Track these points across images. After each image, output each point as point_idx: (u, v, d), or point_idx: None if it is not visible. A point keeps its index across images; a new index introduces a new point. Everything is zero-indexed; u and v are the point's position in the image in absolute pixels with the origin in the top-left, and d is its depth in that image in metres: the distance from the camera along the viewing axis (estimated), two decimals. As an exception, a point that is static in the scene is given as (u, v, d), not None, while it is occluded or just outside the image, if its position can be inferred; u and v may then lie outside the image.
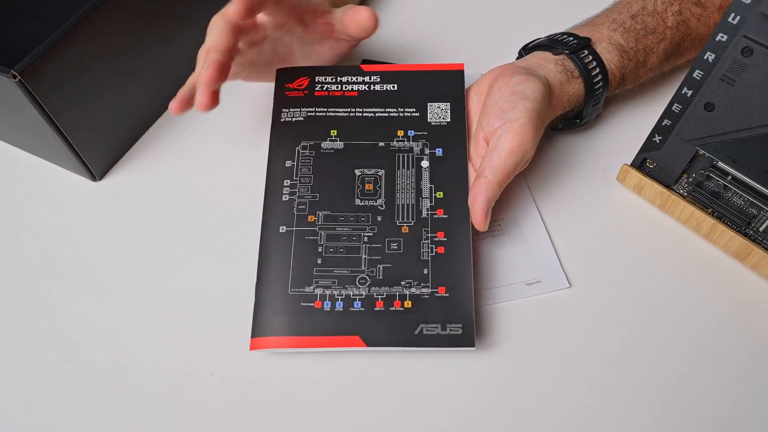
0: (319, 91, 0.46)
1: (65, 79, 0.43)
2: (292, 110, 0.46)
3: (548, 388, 0.39)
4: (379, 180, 0.43)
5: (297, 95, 0.46)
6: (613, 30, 0.45)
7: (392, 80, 0.47)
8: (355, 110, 0.46)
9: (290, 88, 0.47)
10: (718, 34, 0.37)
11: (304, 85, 0.47)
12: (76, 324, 0.43)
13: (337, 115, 0.46)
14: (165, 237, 0.46)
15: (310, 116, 0.46)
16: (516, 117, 0.40)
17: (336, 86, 0.47)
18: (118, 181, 0.50)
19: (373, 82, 0.47)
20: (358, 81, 0.47)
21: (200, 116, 0.52)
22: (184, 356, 0.41)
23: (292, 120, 0.46)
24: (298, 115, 0.46)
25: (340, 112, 0.46)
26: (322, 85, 0.47)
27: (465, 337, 0.39)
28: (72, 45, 0.42)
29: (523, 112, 0.40)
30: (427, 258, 0.41)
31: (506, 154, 0.39)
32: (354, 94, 0.46)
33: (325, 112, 0.46)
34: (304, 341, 0.39)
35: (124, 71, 0.47)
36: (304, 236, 0.42)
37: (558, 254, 0.44)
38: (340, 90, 0.46)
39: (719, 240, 0.43)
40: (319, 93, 0.46)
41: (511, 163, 0.40)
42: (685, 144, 0.42)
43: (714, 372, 0.39)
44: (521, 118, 0.40)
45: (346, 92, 0.46)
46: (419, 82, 0.46)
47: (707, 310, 0.41)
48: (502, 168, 0.39)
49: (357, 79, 0.47)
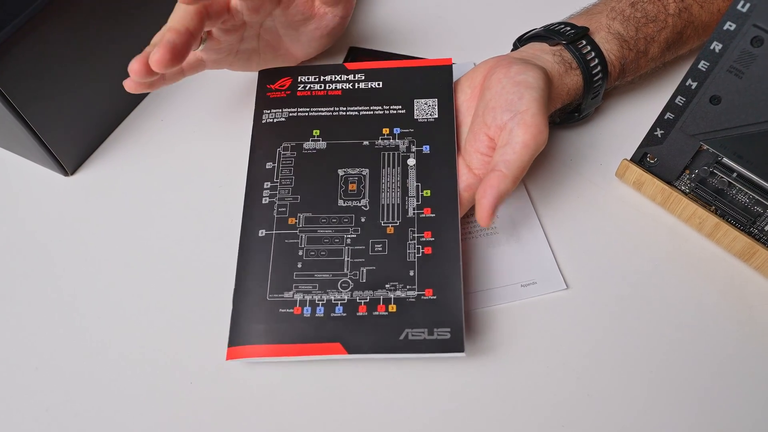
0: (301, 91, 0.45)
1: (30, 68, 0.40)
2: (274, 111, 0.44)
3: (544, 395, 0.37)
4: (363, 180, 0.41)
5: (279, 96, 0.45)
6: (612, 19, 0.43)
7: (377, 78, 0.45)
8: (339, 109, 0.44)
9: (272, 89, 0.45)
10: (726, 22, 0.35)
11: (286, 85, 0.45)
12: (46, 329, 0.40)
13: (320, 114, 0.44)
14: (141, 236, 0.44)
15: (292, 116, 0.44)
16: (525, 108, 0.37)
17: (319, 86, 0.45)
18: (91, 175, 0.47)
19: (358, 80, 0.45)
20: (342, 80, 0.45)
21: (178, 107, 0.50)
22: (160, 364, 0.39)
23: (274, 121, 0.44)
24: (279, 116, 0.44)
25: (323, 112, 0.44)
26: (305, 84, 0.45)
27: (454, 341, 0.37)
28: (36, 32, 0.39)
29: (531, 102, 0.38)
30: (414, 259, 0.39)
31: (521, 147, 0.37)
32: (337, 93, 0.45)
33: (307, 112, 0.44)
34: (283, 349, 0.37)
35: (95, 59, 0.44)
36: (284, 239, 0.40)
37: (555, 254, 0.42)
38: (323, 89, 0.45)
39: (723, 239, 0.41)
40: (301, 93, 0.45)
41: (527, 156, 0.37)
42: (688, 139, 0.40)
43: (718, 378, 0.37)
44: (531, 109, 0.37)
45: (329, 91, 0.45)
46: (405, 79, 0.45)
47: (710, 312, 0.40)
48: (518, 162, 0.37)
49: (341, 77, 0.45)
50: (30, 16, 0.38)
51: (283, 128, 0.44)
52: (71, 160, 0.46)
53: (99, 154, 0.48)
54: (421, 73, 0.45)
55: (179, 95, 0.50)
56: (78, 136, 0.46)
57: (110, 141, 0.49)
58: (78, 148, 0.47)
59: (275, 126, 0.44)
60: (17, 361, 0.39)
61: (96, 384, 0.38)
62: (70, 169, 0.47)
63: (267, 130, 0.44)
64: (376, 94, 0.44)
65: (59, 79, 0.42)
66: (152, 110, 0.50)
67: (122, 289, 0.42)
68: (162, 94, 0.50)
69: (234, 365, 0.38)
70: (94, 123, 0.47)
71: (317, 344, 0.37)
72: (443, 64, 0.45)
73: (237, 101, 0.50)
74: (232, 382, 0.38)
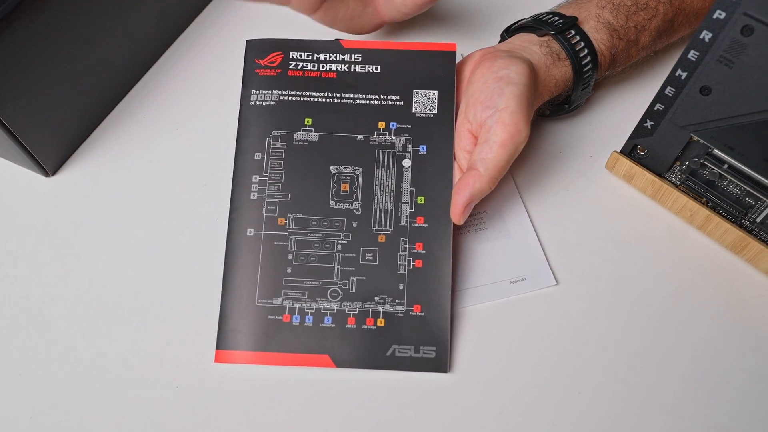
0: (293, 71, 0.42)
1: (4, 67, 0.39)
2: (263, 92, 0.42)
3: (534, 393, 0.37)
4: (356, 180, 0.40)
5: (269, 74, 0.42)
6: (601, 7, 0.42)
7: (375, 60, 0.42)
8: (333, 95, 0.42)
9: (261, 65, 0.42)
10: (716, 11, 0.34)
11: (276, 62, 0.42)
12: (29, 334, 0.40)
13: (312, 100, 0.42)
14: (125, 236, 0.43)
15: (282, 100, 0.42)
16: (505, 105, 0.37)
17: (312, 65, 0.42)
18: (72, 176, 0.46)
19: (354, 61, 0.42)
20: (337, 60, 0.43)
21: (161, 103, 0.49)
22: (146, 367, 0.38)
23: (263, 104, 0.42)
24: (269, 99, 0.42)
25: (316, 97, 0.42)
26: (297, 63, 0.42)
27: (438, 361, 0.37)
28: (10, 30, 0.38)
29: (510, 99, 0.37)
30: (404, 272, 0.38)
31: (498, 147, 0.36)
32: (332, 75, 0.42)
33: (299, 97, 0.42)
34: (271, 358, 0.37)
35: (73, 56, 0.43)
36: (274, 241, 0.39)
37: (544, 249, 0.41)
38: (317, 70, 0.42)
39: (714, 232, 0.40)
40: (293, 73, 0.42)
41: (505, 156, 0.37)
42: (678, 130, 0.39)
43: (710, 373, 0.37)
44: (510, 106, 0.37)
45: (323, 73, 0.42)
46: (405, 64, 0.42)
47: (702, 306, 0.39)
48: (494, 161, 0.37)
49: (336, 57, 0.43)
50: (3, 14, 0.37)
51: (273, 113, 0.41)
52: (52, 161, 0.45)
53: (80, 154, 0.47)
54: (423, 59, 0.42)
55: (161, 91, 0.49)
56: (58, 136, 0.45)
57: (92, 140, 0.48)
58: (58, 148, 0.46)
59: (264, 110, 0.42)
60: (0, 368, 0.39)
61: (80, 390, 0.38)
62: (50, 170, 0.46)
63: (255, 114, 0.42)
64: (373, 79, 0.42)
65: (36, 78, 0.41)
66: (134, 107, 0.49)
67: (107, 292, 0.41)
68: (144, 91, 0.49)
69: (220, 368, 0.38)
70: (74, 121, 0.46)
71: (306, 355, 0.37)
72: (446, 50, 0.42)
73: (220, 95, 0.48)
74: (219, 387, 0.37)
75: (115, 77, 0.48)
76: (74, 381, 0.38)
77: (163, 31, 0.50)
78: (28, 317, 0.40)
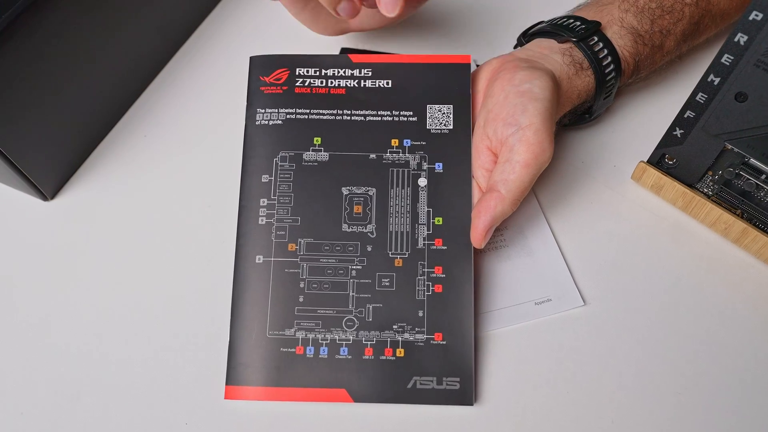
0: (300, 88, 0.40)
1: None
2: (269, 111, 0.40)
3: (563, 422, 0.34)
4: (369, 201, 0.38)
5: (274, 92, 0.40)
6: (624, 11, 0.40)
7: (386, 74, 0.40)
8: (342, 112, 0.40)
9: (266, 82, 0.40)
10: (752, 12, 0.32)
11: (282, 78, 0.40)
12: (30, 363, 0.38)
13: (321, 118, 0.40)
14: (127, 262, 0.41)
15: (290, 119, 0.40)
16: (528, 123, 0.35)
17: (320, 81, 0.40)
18: (72, 200, 0.44)
19: (364, 76, 0.40)
20: (345, 75, 0.40)
21: (162, 122, 0.47)
22: (153, 404, 0.36)
23: (269, 123, 0.40)
24: (275, 118, 0.40)
25: (325, 115, 0.40)
26: (304, 79, 0.40)
27: (462, 393, 0.35)
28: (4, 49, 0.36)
29: (535, 116, 0.35)
30: (423, 298, 0.36)
31: (521, 167, 0.34)
32: (341, 91, 0.40)
33: (307, 115, 0.40)
34: (285, 393, 0.34)
35: (68, 75, 0.41)
36: (284, 268, 0.37)
37: (570, 267, 0.39)
38: (325, 86, 0.40)
39: (751, 245, 0.38)
40: (300, 90, 0.40)
41: (528, 177, 0.35)
42: (711, 139, 0.37)
43: (751, 401, 0.35)
44: (534, 124, 0.34)
45: (331, 89, 0.40)
46: (418, 78, 0.40)
47: (740, 326, 0.37)
48: (517, 182, 0.35)
49: (345, 72, 0.40)
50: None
51: (279, 133, 0.39)
52: (50, 184, 0.43)
53: (80, 176, 0.45)
54: (436, 72, 0.40)
55: (162, 107, 0.47)
56: (55, 159, 0.43)
57: (91, 160, 0.46)
58: (56, 170, 0.44)
59: (271, 129, 0.40)
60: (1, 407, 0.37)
61: (82, 428, 0.36)
62: (49, 194, 0.44)
63: (261, 135, 0.39)
64: (385, 95, 0.40)
65: (30, 100, 0.39)
66: (135, 125, 0.47)
67: (110, 319, 0.39)
68: (144, 107, 0.47)
69: (231, 405, 0.36)
70: (72, 143, 0.44)
71: (321, 389, 0.34)
72: (460, 62, 0.40)
73: (224, 112, 0.46)
74: (230, 425, 0.35)
75: (113, 95, 0.46)
76: (77, 418, 0.36)
77: (162, 45, 0.49)
78: (27, 346, 0.38)
